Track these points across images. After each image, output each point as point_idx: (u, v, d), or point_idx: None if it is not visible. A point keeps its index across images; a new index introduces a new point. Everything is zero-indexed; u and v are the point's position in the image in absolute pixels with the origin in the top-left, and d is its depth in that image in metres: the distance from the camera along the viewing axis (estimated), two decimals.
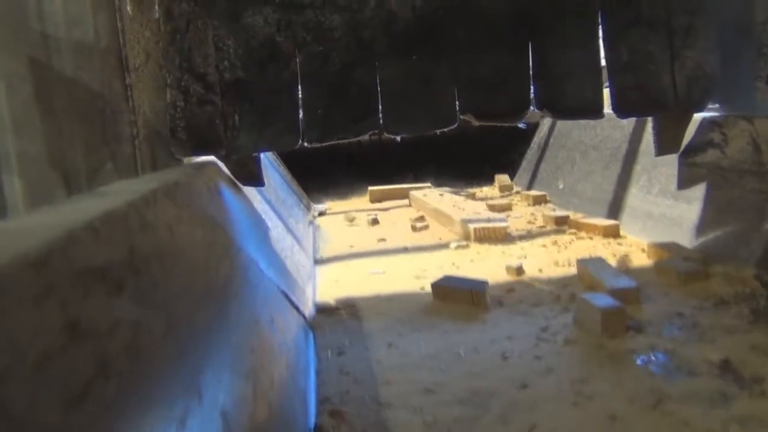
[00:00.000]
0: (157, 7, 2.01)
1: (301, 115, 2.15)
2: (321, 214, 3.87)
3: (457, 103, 2.22)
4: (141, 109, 2.01)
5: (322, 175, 4.61)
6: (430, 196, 3.76)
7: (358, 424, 1.30)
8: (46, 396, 0.51)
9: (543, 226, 3.03)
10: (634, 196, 2.73)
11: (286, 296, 1.57)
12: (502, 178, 4.29)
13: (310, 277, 2.32)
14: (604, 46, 2.25)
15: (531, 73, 2.23)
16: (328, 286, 2.34)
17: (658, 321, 1.73)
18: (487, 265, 2.47)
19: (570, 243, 2.68)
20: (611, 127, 3.21)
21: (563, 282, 2.17)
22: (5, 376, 0.47)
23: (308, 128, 2.14)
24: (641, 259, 2.31)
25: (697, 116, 2.33)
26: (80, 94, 1.90)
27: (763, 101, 2.48)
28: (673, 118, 2.36)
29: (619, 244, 2.57)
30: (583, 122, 3.61)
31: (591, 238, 2.69)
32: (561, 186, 3.60)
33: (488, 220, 2.89)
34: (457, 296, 2.06)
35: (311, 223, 3.50)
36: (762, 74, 2.50)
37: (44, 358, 0.54)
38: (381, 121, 2.18)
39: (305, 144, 2.16)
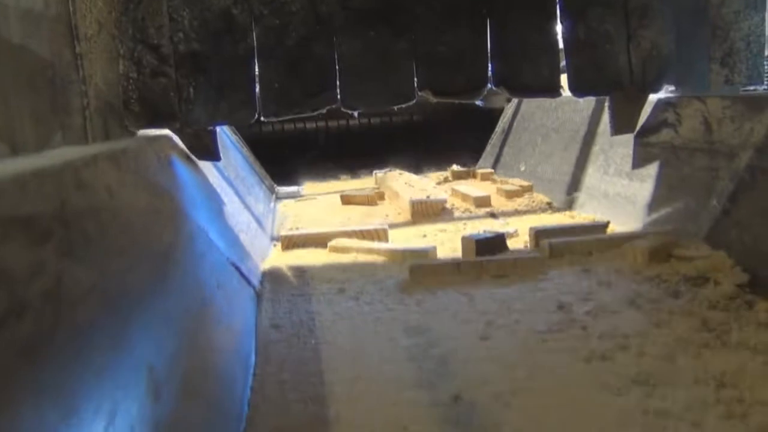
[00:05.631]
0: None
1: (257, 89, 2.12)
2: (294, 196, 3.83)
3: (415, 79, 2.22)
4: (93, 80, 1.96)
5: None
6: (389, 175, 3.83)
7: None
8: None
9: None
10: (591, 176, 2.77)
11: (236, 267, 1.56)
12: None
13: (266, 253, 2.30)
14: (561, 25, 2.26)
15: (489, 50, 2.23)
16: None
17: None
18: None
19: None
20: (572, 110, 3.24)
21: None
22: None
23: (265, 102, 2.12)
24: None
25: (653, 97, 2.36)
26: (29, 63, 1.85)
27: (716, 83, 2.53)
28: (629, 99, 2.39)
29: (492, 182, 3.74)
30: (545, 105, 3.64)
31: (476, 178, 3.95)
32: (523, 168, 3.63)
33: (428, 197, 2.98)
34: (357, 200, 3.34)
35: (273, 203, 3.48)
36: (716, 56, 2.54)
37: None
38: (338, 96, 2.17)
39: (262, 118, 2.14)
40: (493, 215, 2.85)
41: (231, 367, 1.12)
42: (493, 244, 2.15)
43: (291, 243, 2.44)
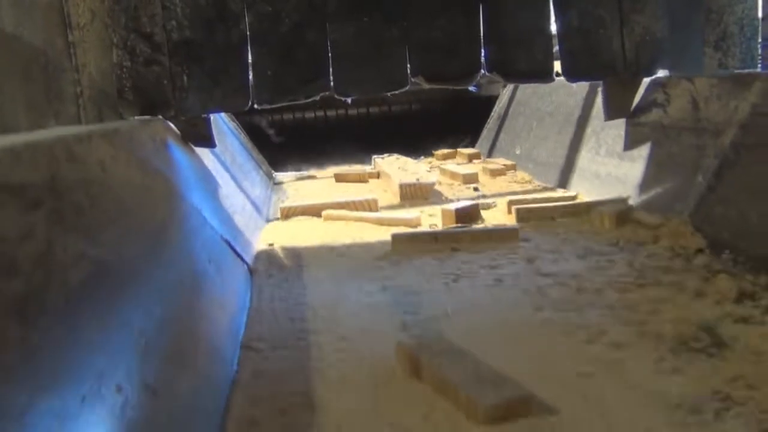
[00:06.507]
0: None
1: (251, 77, 2.15)
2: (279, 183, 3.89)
3: (408, 65, 2.24)
4: (86, 69, 1.99)
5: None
6: (387, 159, 3.87)
7: None
8: None
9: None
10: (583, 158, 2.79)
11: (230, 245, 1.59)
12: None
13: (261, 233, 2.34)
14: (555, 10, 2.28)
15: (482, 36, 2.25)
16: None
17: None
18: None
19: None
20: (566, 94, 3.26)
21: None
22: None
23: (258, 90, 2.15)
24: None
25: (645, 79, 2.39)
26: (21, 51, 1.87)
27: (710, 67, 2.54)
28: (622, 83, 2.42)
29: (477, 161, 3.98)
30: (540, 90, 3.66)
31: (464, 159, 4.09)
32: (518, 152, 3.66)
33: (417, 180, 3.03)
34: (350, 177, 3.57)
35: (270, 190, 3.51)
36: (710, 40, 2.56)
37: None
38: (332, 83, 2.19)
39: (255, 106, 2.16)
40: (475, 189, 3.11)
41: (221, 340, 1.15)
42: (470, 212, 2.43)
43: (289, 213, 2.68)
